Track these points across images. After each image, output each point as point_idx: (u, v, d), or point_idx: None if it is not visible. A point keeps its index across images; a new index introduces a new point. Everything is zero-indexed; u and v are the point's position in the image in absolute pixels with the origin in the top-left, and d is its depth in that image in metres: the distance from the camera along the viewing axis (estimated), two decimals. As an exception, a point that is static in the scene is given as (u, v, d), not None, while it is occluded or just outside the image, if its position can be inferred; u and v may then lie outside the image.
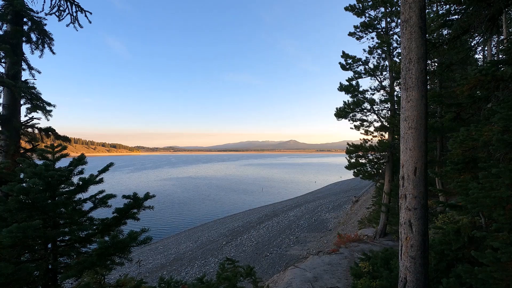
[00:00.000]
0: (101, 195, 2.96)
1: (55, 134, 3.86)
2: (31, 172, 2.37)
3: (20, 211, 2.30)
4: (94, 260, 2.42)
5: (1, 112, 3.52)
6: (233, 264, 4.88)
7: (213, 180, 68.60)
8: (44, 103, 3.76)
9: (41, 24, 3.75)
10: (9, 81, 3.39)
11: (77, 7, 4.70)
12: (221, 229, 27.94)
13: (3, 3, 3.42)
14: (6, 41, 3.42)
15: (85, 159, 2.78)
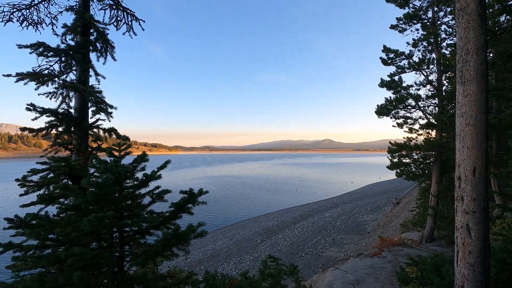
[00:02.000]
0: (158, 191, 3.20)
1: (116, 134, 4.26)
2: (103, 168, 2.65)
3: (95, 203, 2.58)
4: (158, 250, 2.63)
5: (74, 115, 3.95)
6: (276, 261, 4.93)
7: (247, 179, 69.43)
8: (107, 105, 4.17)
9: (104, 34, 4.16)
10: (82, 86, 3.81)
11: (132, 17, 5.12)
12: (255, 228, 28.22)
13: (75, 16, 3.85)
14: (78, 51, 3.84)
15: (147, 157, 3.03)
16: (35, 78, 3.81)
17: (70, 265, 2.26)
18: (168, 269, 4.03)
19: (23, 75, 3.70)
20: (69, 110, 4.12)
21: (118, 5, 4.97)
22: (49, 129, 3.86)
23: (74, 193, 2.70)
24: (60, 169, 3.38)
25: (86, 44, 3.97)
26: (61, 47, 3.86)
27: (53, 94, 4.16)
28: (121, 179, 2.75)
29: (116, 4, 4.99)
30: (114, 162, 2.76)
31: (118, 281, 2.65)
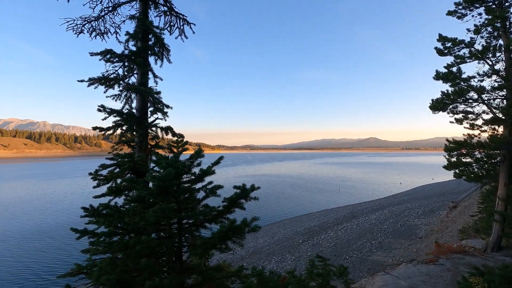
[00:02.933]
0: (211, 186, 3.35)
1: (172, 132, 4.56)
2: (165, 163, 2.85)
3: (158, 195, 2.79)
4: (215, 242, 2.76)
5: (136, 115, 4.32)
6: (324, 261, 4.82)
7: (287, 178, 68.95)
8: (163, 105, 4.49)
9: (161, 39, 4.48)
10: (143, 88, 4.17)
11: (183, 21, 5.42)
12: (297, 227, 27.92)
13: (137, 24, 4.22)
14: (139, 55, 4.19)
15: (202, 153, 3.18)
16: (103, 82, 4.26)
17: (137, 251, 2.48)
18: (218, 263, 4.18)
19: (94, 80, 4.16)
20: (132, 111, 4.52)
21: (171, 10, 5.31)
22: (115, 128, 4.28)
23: (139, 186, 2.95)
24: (125, 164, 3.72)
25: (146, 49, 4.31)
26: (124, 53, 4.26)
27: (118, 96, 4.61)
28: (180, 174, 2.93)
29: (170, 10, 5.34)
30: (174, 158, 2.95)
31: (178, 269, 2.83)
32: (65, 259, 16.89)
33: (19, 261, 16.20)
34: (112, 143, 23.00)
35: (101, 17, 4.97)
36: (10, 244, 19.19)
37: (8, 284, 13.62)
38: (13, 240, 20.03)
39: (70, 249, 18.28)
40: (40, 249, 18.29)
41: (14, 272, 14.94)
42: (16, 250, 18.14)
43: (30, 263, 15.99)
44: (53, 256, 17.23)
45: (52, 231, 22.22)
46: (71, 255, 17.53)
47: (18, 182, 57.23)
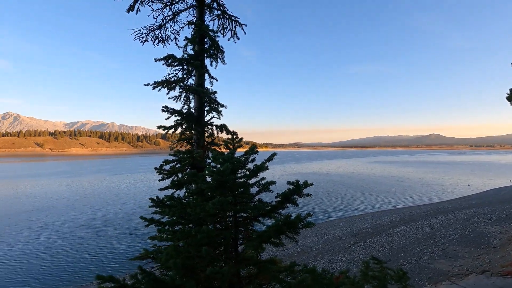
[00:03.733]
0: (263, 181, 3.46)
1: (226, 130, 4.83)
2: (222, 158, 3.04)
3: (216, 189, 3.00)
4: (270, 234, 2.86)
5: (194, 114, 4.67)
6: (380, 264, 4.59)
7: (337, 177, 66.52)
8: (218, 105, 4.77)
9: (216, 42, 4.75)
10: (201, 89, 4.50)
11: (235, 23, 5.66)
12: (347, 228, 26.84)
13: (195, 29, 4.56)
14: (196, 58, 4.52)
15: (256, 149, 3.30)
16: (166, 85, 4.69)
17: (198, 240, 2.70)
18: (270, 257, 4.28)
19: (158, 83, 4.62)
20: (191, 110, 4.90)
21: (224, 13, 5.59)
22: (176, 127, 4.69)
23: (200, 180, 3.20)
24: (186, 160, 4.05)
25: (202, 52, 4.62)
26: (184, 57, 4.63)
27: (178, 97, 5.03)
28: (235, 169, 3.09)
29: (223, 13, 5.62)
30: (231, 154, 3.12)
31: (234, 260, 3.00)
32: (133, 244, 18.93)
33: (95, 245, 18.61)
34: (169, 141, 24.91)
35: (162, 25, 5.47)
36: (86, 230, 22.13)
37: (86, 264, 15.77)
38: (88, 227, 23.04)
39: (137, 236, 20.40)
40: (111, 235, 20.74)
41: (91, 254, 17.23)
42: (91, 235, 20.86)
43: (104, 247, 18.26)
44: (123, 241, 19.45)
45: (120, 219, 24.98)
46: (138, 241, 19.59)
47: (92, 176, 65.54)
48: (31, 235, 20.86)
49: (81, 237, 20.21)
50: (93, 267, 15.31)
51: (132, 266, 14.81)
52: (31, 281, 13.87)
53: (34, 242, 19.29)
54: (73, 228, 22.62)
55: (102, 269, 15.07)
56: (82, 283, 13.77)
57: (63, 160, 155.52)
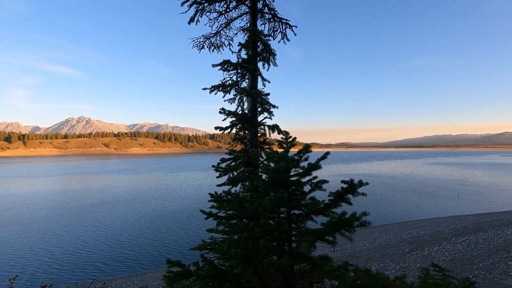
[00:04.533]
0: (316, 180, 3.52)
1: (278, 129, 5.00)
2: (277, 157, 3.19)
3: (272, 186, 3.16)
4: (326, 231, 2.93)
5: (248, 115, 4.93)
6: (442, 272, 4.25)
7: (389, 179, 62.24)
8: (270, 105, 4.96)
9: (268, 45, 4.95)
10: (255, 91, 4.75)
11: (285, 25, 5.80)
12: (402, 234, 25.00)
13: (248, 34, 4.83)
14: (250, 62, 4.77)
15: (310, 148, 3.39)
16: (222, 89, 5.04)
17: (256, 233, 2.89)
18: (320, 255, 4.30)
19: (214, 87, 4.99)
20: (244, 112, 5.18)
21: (275, 16, 5.77)
22: (232, 128, 5.01)
23: (256, 177, 3.40)
24: (241, 158, 4.31)
25: (255, 56, 4.85)
26: (238, 62, 4.92)
27: (232, 100, 5.35)
28: (290, 167, 3.21)
29: (273, 17, 5.80)
30: (285, 153, 3.26)
31: (288, 254, 3.12)
32: (188, 236, 20.35)
33: (154, 236, 20.38)
34: (217, 141, 26.70)
35: (218, 33, 5.86)
36: (146, 222, 24.29)
37: (146, 253, 17.39)
38: (148, 219, 25.25)
39: (189, 229, 21.87)
40: (168, 227, 22.49)
41: (150, 244, 18.92)
42: (150, 227, 22.85)
43: (162, 238, 19.93)
44: (178, 233, 21.01)
45: (174, 213, 26.90)
46: (193, 233, 21.03)
47: (149, 173, 71.53)
48: (98, 225, 23.65)
49: (142, 228, 22.29)
50: (153, 256, 16.83)
51: (191, 256, 15.94)
52: (100, 265, 15.78)
53: (101, 232, 21.85)
54: (135, 220, 25.06)
55: (161, 258, 16.56)
56: (142, 270, 15.23)
57: (125, 158, 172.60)
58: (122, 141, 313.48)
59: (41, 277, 14.14)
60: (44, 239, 20.06)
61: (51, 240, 19.73)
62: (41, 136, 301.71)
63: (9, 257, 16.84)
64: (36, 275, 14.33)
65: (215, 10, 5.55)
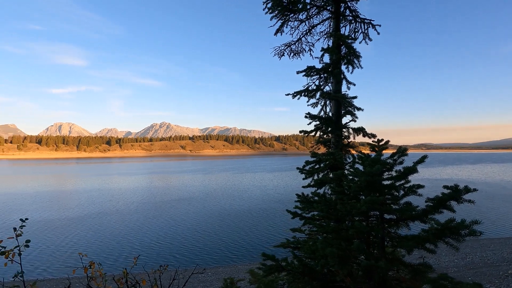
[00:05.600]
0: (409, 184, 3.37)
1: (364, 132, 4.92)
2: (371, 160, 3.20)
3: (365, 189, 3.18)
4: (429, 238, 2.82)
5: (333, 118, 5.01)
6: None
7: (484, 186, 52.83)
8: (355, 108, 4.93)
9: (353, 48, 4.93)
10: (341, 95, 4.82)
11: (367, 25, 5.65)
12: (503, 252, 21.01)
13: (333, 39, 4.92)
14: (335, 66, 4.85)
15: (406, 151, 3.29)
16: (306, 94, 5.23)
17: (350, 234, 2.95)
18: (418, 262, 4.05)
19: (297, 93, 5.21)
20: (328, 115, 5.26)
21: (356, 18, 5.68)
22: (316, 131, 5.15)
23: (346, 180, 3.46)
24: (328, 161, 4.41)
25: (339, 60, 4.89)
26: (323, 67, 5.04)
27: (315, 104, 5.48)
28: (383, 171, 3.18)
29: (355, 18, 5.71)
30: (378, 156, 3.23)
31: (385, 258, 3.08)
32: (268, 233, 21.22)
33: (231, 233, 21.78)
34: (282, 143, 26.99)
35: (299, 40, 6.08)
36: (221, 219, 26.06)
37: (226, 248, 18.72)
38: (223, 217, 27.04)
39: (267, 226, 22.76)
40: (242, 225, 23.74)
41: (229, 240, 20.29)
42: (227, 224, 24.46)
43: (240, 234, 21.18)
44: (258, 230, 22.06)
45: (246, 212, 28.18)
46: (270, 230, 21.85)
47: (220, 173, 76.40)
48: (181, 219, 26.35)
49: (218, 225, 24.04)
50: (232, 252, 18.05)
51: (273, 252, 16.59)
52: (191, 255, 17.63)
53: (185, 225, 24.31)
54: (211, 216, 27.15)
55: (244, 253, 17.72)
56: (228, 264, 16.47)
57: (198, 159, 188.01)
58: (196, 143, 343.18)
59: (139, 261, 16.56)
60: (134, 228, 23.44)
61: (144, 229, 22.90)
62: (132, 140, 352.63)
63: (114, 241, 20.22)
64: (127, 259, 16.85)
65: (297, 19, 5.74)
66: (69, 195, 41.40)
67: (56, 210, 31.14)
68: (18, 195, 41.54)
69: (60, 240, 20.57)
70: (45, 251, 18.05)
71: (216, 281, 13.57)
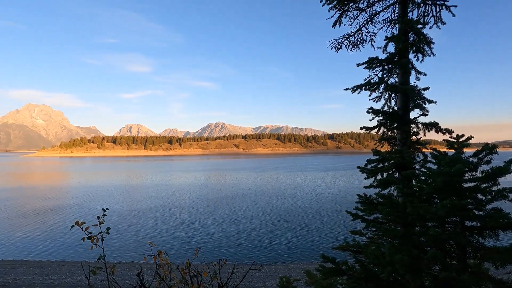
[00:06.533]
0: (497, 188, 2.85)
1: (437, 127, 4.39)
2: (450, 159, 2.83)
3: (442, 191, 2.83)
4: None
5: (399, 113, 4.60)
6: None
7: None
8: (425, 101, 4.43)
9: (422, 34, 4.42)
10: (407, 87, 4.40)
11: (440, 7, 5.01)
12: None
13: (399, 26, 4.49)
14: (402, 56, 4.43)
15: (496, 149, 2.82)
16: (367, 87, 4.88)
17: (420, 242, 2.64)
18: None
19: (357, 87, 4.90)
20: (395, 109, 4.83)
21: (425, 1, 5.08)
22: (379, 127, 4.77)
23: (417, 180, 3.12)
24: (394, 159, 4.05)
25: (407, 48, 4.44)
26: (386, 57, 4.64)
27: (378, 98, 5.08)
28: (464, 171, 2.77)
29: (424, 1, 5.12)
30: (459, 154, 2.83)
31: (464, 270, 2.69)
32: (323, 235, 20.75)
33: (287, 232, 21.78)
34: (336, 141, 25.73)
35: (358, 30, 5.70)
36: (273, 217, 26.19)
37: (282, 246, 18.80)
38: (275, 215, 27.15)
39: (321, 227, 22.21)
40: (296, 224, 23.55)
41: (286, 238, 20.34)
42: (281, 221, 24.52)
43: (295, 235, 21.08)
44: (315, 231, 21.71)
45: (298, 211, 27.83)
46: (326, 232, 21.32)
47: (272, 172, 76.88)
48: (233, 216, 27.21)
49: (271, 223, 24.23)
50: (285, 250, 18.06)
51: (329, 254, 16.23)
52: (234, 252, 18.18)
53: (238, 221, 25.07)
54: (263, 214, 27.50)
55: (296, 252, 17.63)
56: (281, 262, 16.55)
57: (251, 158, 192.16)
58: (249, 142, 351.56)
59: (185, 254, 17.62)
60: (193, 222, 24.97)
61: (202, 223, 24.30)
62: (191, 139, 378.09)
63: (176, 233, 21.89)
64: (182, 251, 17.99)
65: (357, 8, 5.36)
66: (138, 189, 46.26)
67: (127, 202, 35.07)
68: (99, 188, 48.02)
69: (132, 229, 23.08)
70: (120, 238, 20.44)
71: (268, 278, 13.68)
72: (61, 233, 22.21)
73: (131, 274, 13.26)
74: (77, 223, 3.58)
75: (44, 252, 18.45)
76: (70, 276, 13.73)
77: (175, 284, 4.12)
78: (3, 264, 15.82)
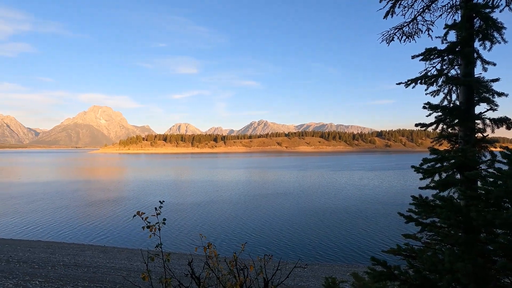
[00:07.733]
0: None
1: (509, 123, 3.89)
2: None
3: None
4: None
5: (462, 108, 4.20)
6: None
7: None
8: (494, 94, 3.95)
9: (490, 18, 3.93)
10: (474, 79, 3.99)
11: (514, -14, 4.40)
12: None
13: (463, 10, 4.08)
14: (466, 45, 4.02)
15: None
16: (424, 81, 4.53)
17: (487, 249, 2.39)
18: None
19: (412, 80, 4.56)
20: (456, 104, 4.41)
21: (495, -19, 4.49)
22: (437, 123, 4.40)
23: (484, 182, 2.82)
24: (455, 159, 3.71)
25: (471, 36, 4.01)
26: (446, 47, 4.24)
27: (436, 92, 4.68)
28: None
29: (493, -19, 4.53)
30: None
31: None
32: (370, 237, 19.89)
33: (331, 232, 21.27)
34: (386, 139, 24.06)
35: (413, 19, 5.29)
36: (315, 216, 25.68)
37: (327, 246, 18.45)
38: (317, 214, 26.59)
39: (368, 230, 21.22)
40: (345, 226, 22.85)
41: (328, 239, 19.92)
42: (324, 221, 24.00)
43: (340, 235, 20.51)
44: (361, 233, 20.91)
45: (345, 212, 26.87)
46: (374, 234, 20.39)
47: (315, 170, 75.20)
48: (276, 213, 27.27)
49: (314, 222, 23.81)
50: (329, 250, 17.66)
51: (379, 258, 15.65)
52: (278, 249, 18.23)
53: (278, 219, 25.11)
54: (306, 213, 27.12)
55: (341, 253, 17.16)
56: (325, 262, 16.28)
57: (294, 156, 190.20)
58: (292, 140, 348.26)
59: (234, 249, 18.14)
60: (238, 217, 25.65)
61: (246, 219, 24.88)
62: (234, 137, 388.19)
63: (215, 229, 22.76)
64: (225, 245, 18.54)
65: (411, -5, 4.98)
66: (187, 184, 49.10)
67: (177, 196, 37.45)
68: (153, 182, 52.14)
69: (181, 220, 24.62)
70: (172, 229, 21.95)
71: (312, 278, 13.49)
72: (120, 221, 24.65)
73: (180, 264, 14.17)
74: (138, 213, 3.97)
75: (107, 238, 20.68)
76: (128, 261, 15.18)
77: (223, 275, 4.32)
78: (74, 247, 18.14)
